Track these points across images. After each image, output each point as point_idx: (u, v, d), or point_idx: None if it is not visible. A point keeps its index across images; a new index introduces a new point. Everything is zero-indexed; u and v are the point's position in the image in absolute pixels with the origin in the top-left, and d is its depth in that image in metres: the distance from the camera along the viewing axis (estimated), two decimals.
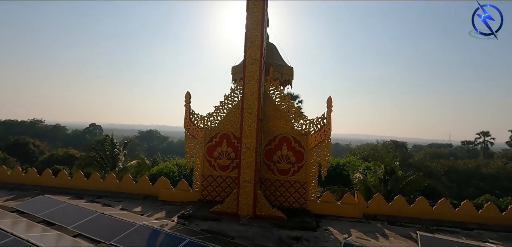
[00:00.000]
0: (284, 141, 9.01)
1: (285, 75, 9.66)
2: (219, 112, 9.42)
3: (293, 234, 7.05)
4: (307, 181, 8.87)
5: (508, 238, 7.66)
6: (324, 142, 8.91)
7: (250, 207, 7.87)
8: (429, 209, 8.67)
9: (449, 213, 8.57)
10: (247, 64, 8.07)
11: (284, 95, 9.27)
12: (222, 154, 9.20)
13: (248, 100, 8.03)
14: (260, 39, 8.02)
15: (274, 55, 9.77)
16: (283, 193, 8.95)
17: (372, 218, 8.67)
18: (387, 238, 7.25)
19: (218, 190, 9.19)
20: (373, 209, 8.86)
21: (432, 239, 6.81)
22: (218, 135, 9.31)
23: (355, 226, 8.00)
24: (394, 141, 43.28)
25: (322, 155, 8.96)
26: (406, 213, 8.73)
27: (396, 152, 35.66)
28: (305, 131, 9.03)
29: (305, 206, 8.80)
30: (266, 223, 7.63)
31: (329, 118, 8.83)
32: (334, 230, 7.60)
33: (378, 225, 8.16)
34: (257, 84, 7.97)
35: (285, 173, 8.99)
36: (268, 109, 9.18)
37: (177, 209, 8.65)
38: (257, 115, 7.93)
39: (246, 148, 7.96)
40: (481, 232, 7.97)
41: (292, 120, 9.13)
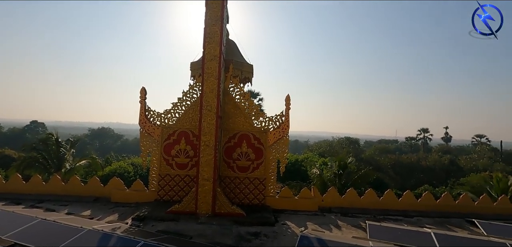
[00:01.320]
0: (244, 138, 9.06)
1: (245, 73, 9.70)
2: (177, 109, 9.14)
3: (252, 230, 7.14)
4: (266, 177, 9.04)
5: (441, 222, 8.64)
6: (282, 138, 9.13)
7: (209, 205, 7.78)
8: (377, 200, 9.40)
9: (393, 202, 9.39)
10: (206, 61, 7.94)
11: (244, 92, 9.30)
12: (180, 152, 8.95)
13: (207, 97, 7.91)
14: (220, 36, 7.94)
15: (234, 53, 9.76)
16: (243, 190, 9.00)
17: (327, 210, 9.13)
18: (340, 229, 7.71)
19: (176, 190, 8.93)
20: (328, 202, 9.35)
21: (379, 227, 7.41)
22: (176, 133, 9.03)
23: (311, 219, 8.36)
24: (348, 138, 46.06)
25: (281, 151, 9.19)
26: (357, 205, 9.36)
27: (350, 147, 38.03)
28: (265, 128, 9.17)
29: (265, 202, 8.96)
30: (226, 221, 7.61)
31: (288, 116, 9.08)
32: (292, 223, 7.86)
33: (332, 217, 8.63)
34: (217, 81, 7.88)
35: (245, 170, 9.05)
36: (228, 106, 9.14)
37: (132, 211, 8.21)
38: (216, 112, 7.85)
39: (205, 145, 7.84)
40: (420, 219, 8.86)
41: (252, 117, 9.21)
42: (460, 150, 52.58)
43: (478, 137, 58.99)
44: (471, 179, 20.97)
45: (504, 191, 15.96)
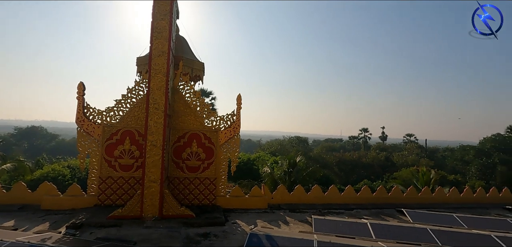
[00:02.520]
0: (194, 137, 8.85)
1: (195, 70, 9.48)
2: (121, 107, 8.53)
3: (201, 231, 7.01)
4: (217, 177, 8.96)
5: (377, 213, 9.54)
6: (234, 138, 9.15)
7: (156, 208, 7.43)
8: (322, 195, 10.00)
9: (336, 197, 10.08)
10: (154, 57, 7.55)
11: (194, 91, 9.09)
12: (125, 153, 8.38)
13: (154, 95, 7.53)
14: (168, 31, 7.62)
15: (184, 49, 9.46)
16: (193, 190, 8.79)
17: (276, 207, 9.42)
18: (288, 224, 8.01)
19: (119, 193, 8.33)
20: (277, 199, 9.64)
21: (323, 220, 7.88)
22: (120, 132, 8.43)
23: (261, 217, 8.54)
24: (298, 137, 48.16)
25: (232, 150, 9.20)
26: (304, 200, 9.83)
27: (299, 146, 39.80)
28: (216, 128, 9.08)
29: (215, 202, 8.88)
30: (174, 223, 7.35)
31: (239, 115, 9.13)
32: (242, 222, 7.93)
33: (281, 213, 8.93)
34: (165, 78, 7.55)
35: (195, 170, 8.85)
36: (177, 105, 8.84)
37: (66, 218, 7.43)
38: (164, 111, 7.53)
39: (152, 145, 7.46)
40: (359, 211, 9.67)
41: (203, 116, 9.04)
42: (394, 147, 58.68)
43: (408, 136, 66.52)
44: (402, 173, 23.60)
45: (427, 182, 18.33)
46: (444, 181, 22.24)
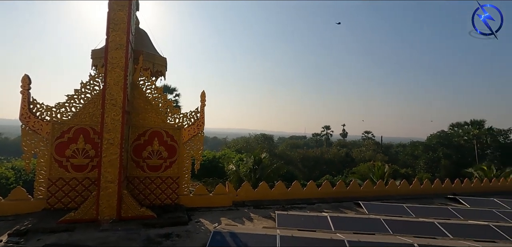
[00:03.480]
0: (155, 135, 8.53)
1: (157, 65, 9.13)
2: (73, 102, 7.92)
3: (163, 232, 6.79)
4: (180, 176, 8.74)
5: (336, 206, 10.03)
6: (197, 135, 8.99)
7: (114, 209, 7.04)
8: (285, 191, 10.25)
9: (299, 192, 10.40)
10: (111, 49, 7.12)
11: (156, 87, 8.75)
12: (78, 152, 7.80)
13: (111, 90, 7.11)
14: (127, 23, 7.23)
15: (145, 43, 9.07)
16: (154, 190, 8.48)
17: (241, 204, 9.45)
18: (252, 221, 8.09)
19: (72, 195, 7.75)
20: (242, 196, 9.68)
21: (286, 215, 8.09)
22: (72, 130, 7.83)
23: (225, 214, 8.51)
24: (264, 134, 48.74)
25: (196, 148, 9.03)
26: (268, 197, 10.00)
27: (265, 144, 40.31)
28: (179, 125, 8.85)
29: (178, 201, 8.66)
30: (133, 225, 7.02)
31: (203, 112, 8.99)
32: (206, 221, 7.83)
33: (245, 210, 8.98)
34: (123, 72, 7.16)
35: (157, 169, 8.54)
36: (138, 101, 8.44)
37: (9, 225, 6.73)
38: (122, 107, 7.14)
39: (109, 144, 7.05)
40: (320, 205, 10.08)
41: (165, 113, 8.75)
42: (353, 144, 62.03)
43: (366, 133, 70.76)
44: (360, 168, 25.04)
45: (382, 176, 19.69)
46: (397, 174, 24.04)
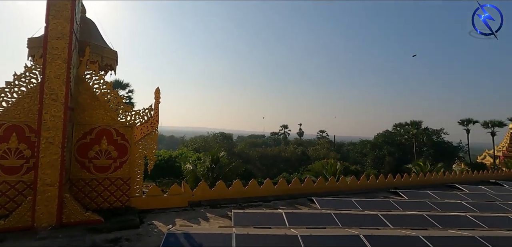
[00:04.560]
0: (103, 133, 7.94)
1: (106, 59, 8.51)
2: (4, 96, 7.01)
3: (111, 237, 6.37)
4: (132, 177, 8.27)
5: (291, 203, 10.37)
6: (151, 134, 8.59)
7: (53, 215, 6.40)
8: (242, 189, 10.30)
9: (256, 190, 10.54)
10: (51, 39, 6.45)
11: (105, 81, 8.15)
12: (10, 153, 6.93)
13: (51, 83, 6.45)
14: (71, 10, 6.61)
15: (92, 34, 8.40)
16: (102, 192, 7.90)
17: (197, 204, 9.27)
18: (208, 221, 7.98)
19: (2, 201, 6.84)
20: (198, 196, 9.50)
21: (242, 214, 8.14)
22: (3, 127, 6.92)
23: (180, 215, 8.28)
24: (223, 133, 48.39)
25: (149, 147, 8.62)
26: (225, 195, 9.95)
27: (223, 142, 40.07)
28: (130, 123, 8.35)
29: (129, 204, 8.18)
30: (77, 231, 6.47)
31: (157, 109, 8.62)
32: (159, 223, 7.53)
33: (201, 210, 8.83)
34: (65, 65, 6.54)
35: (105, 169, 7.96)
36: (83, 97, 7.78)
37: None
38: (64, 103, 6.52)
39: (48, 143, 6.39)
40: (276, 202, 10.33)
41: (115, 110, 8.19)
42: (309, 142, 64.74)
43: (321, 132, 74.33)
44: (314, 166, 26.22)
45: (334, 173, 20.86)
46: (348, 171, 25.68)
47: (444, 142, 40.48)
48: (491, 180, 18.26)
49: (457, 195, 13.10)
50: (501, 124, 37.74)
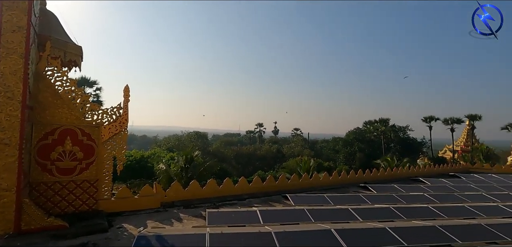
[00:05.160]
0: (67, 134, 7.48)
1: (70, 54, 8.01)
2: None
3: (76, 242, 6.03)
4: (99, 179, 7.88)
5: (266, 200, 10.46)
6: (120, 133, 8.24)
7: (11, 222, 5.94)
8: (216, 188, 10.21)
9: (231, 189, 10.50)
10: (5, 32, 5.95)
11: (68, 78, 7.68)
12: None
13: (6, 80, 5.96)
14: (27, 0, 6.14)
15: (54, 28, 7.87)
16: (66, 196, 7.45)
17: (169, 205, 9.05)
18: (181, 221, 7.83)
19: None
20: (171, 197, 9.28)
21: (217, 213, 8.07)
22: None
23: (152, 217, 8.04)
24: (197, 132, 47.64)
25: (118, 148, 8.27)
26: (199, 195, 9.81)
27: (198, 141, 39.46)
28: (97, 122, 7.95)
29: (97, 207, 7.79)
30: (38, 238, 6.05)
31: (126, 108, 8.28)
32: (130, 225, 7.26)
33: (174, 211, 8.64)
34: (23, 60, 6.07)
35: (69, 172, 7.51)
36: (44, 95, 7.27)
37: None
38: (22, 101, 6.05)
39: (4, 144, 5.90)
40: (251, 200, 10.36)
41: (80, 109, 7.75)
42: (284, 140, 65.56)
43: (295, 130, 75.61)
44: (289, 163, 26.63)
45: (308, 170, 21.33)
46: (321, 167, 26.37)
47: (409, 138, 42.89)
48: (450, 173, 19.65)
49: (420, 187, 13.95)
50: (459, 120, 40.73)
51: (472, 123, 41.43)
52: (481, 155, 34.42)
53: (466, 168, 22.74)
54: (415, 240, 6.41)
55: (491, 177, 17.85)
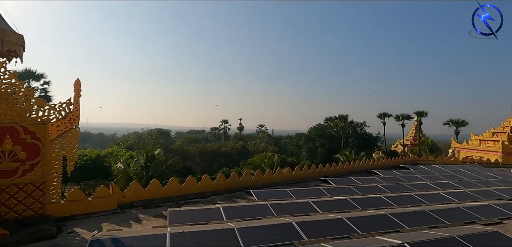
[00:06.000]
0: (6, 132, 6.73)
1: (9, 43, 7.15)
2: None
3: None
4: (47, 181, 7.22)
5: (229, 197, 10.43)
6: (70, 131, 7.62)
7: None
8: (179, 186, 9.94)
9: (194, 187, 10.29)
10: None
11: (7, 70, 6.90)
12: None
13: None
14: None
15: None
16: (7, 201, 6.71)
17: (128, 206, 8.61)
18: (140, 222, 7.49)
19: None
20: (129, 197, 8.83)
21: (179, 212, 7.86)
22: None
23: (108, 219, 7.59)
24: (159, 129, 45.89)
25: (69, 147, 7.65)
26: (160, 194, 9.47)
27: (160, 139, 38.06)
28: (43, 119, 7.26)
29: (44, 211, 7.14)
30: None
31: (77, 103, 7.67)
32: (82, 229, 6.78)
33: (133, 212, 8.25)
34: None
35: (10, 174, 6.78)
36: None
37: None
38: None
39: None
40: (214, 197, 10.26)
41: (22, 105, 7.02)
42: (249, 137, 65.91)
43: (260, 126, 76.42)
44: (254, 159, 26.82)
45: (272, 165, 21.68)
46: (284, 163, 26.95)
47: (366, 133, 45.69)
48: (400, 165, 21.33)
49: (374, 179, 14.95)
50: (409, 117, 44.40)
51: (419, 119, 45.39)
52: (427, 148, 37.87)
53: (414, 160, 24.86)
54: (368, 228, 6.86)
55: (435, 167, 19.72)
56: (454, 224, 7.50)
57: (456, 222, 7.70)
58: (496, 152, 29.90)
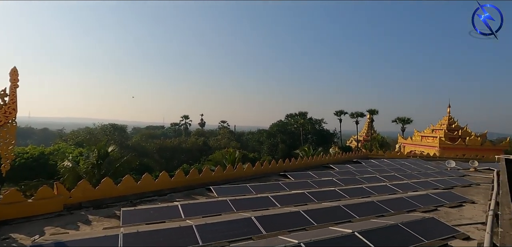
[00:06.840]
0: None
1: None
2: None
3: None
4: None
5: (188, 194, 10.21)
6: (6, 126, 6.79)
7: None
8: (134, 185, 9.46)
9: (150, 184, 9.88)
10: None
11: None
12: None
13: None
14: None
15: None
16: None
17: (76, 207, 8.00)
18: (89, 224, 7.00)
19: None
20: (78, 197, 8.19)
21: (133, 211, 7.50)
22: None
23: (52, 222, 6.97)
24: (114, 124, 43.16)
25: (4, 143, 6.82)
26: (113, 193, 8.93)
27: (115, 134, 35.80)
28: None
29: None
30: None
31: (14, 95, 6.86)
32: (21, 235, 6.13)
33: (82, 213, 7.68)
34: None
35: None
36: None
37: None
38: None
39: None
40: (172, 195, 9.97)
41: None
42: (211, 133, 65.00)
43: (222, 122, 75.81)
44: (215, 156, 26.55)
45: (234, 161, 21.67)
46: (246, 159, 27.11)
47: (324, 129, 47.89)
48: (354, 159, 22.78)
49: (330, 173, 15.77)
50: (362, 114, 47.52)
51: (371, 117, 48.80)
52: (377, 144, 40.96)
53: (366, 154, 26.71)
54: (323, 219, 7.23)
55: (383, 161, 21.42)
56: (398, 213, 8.23)
57: (400, 210, 8.45)
58: (435, 147, 33.41)
